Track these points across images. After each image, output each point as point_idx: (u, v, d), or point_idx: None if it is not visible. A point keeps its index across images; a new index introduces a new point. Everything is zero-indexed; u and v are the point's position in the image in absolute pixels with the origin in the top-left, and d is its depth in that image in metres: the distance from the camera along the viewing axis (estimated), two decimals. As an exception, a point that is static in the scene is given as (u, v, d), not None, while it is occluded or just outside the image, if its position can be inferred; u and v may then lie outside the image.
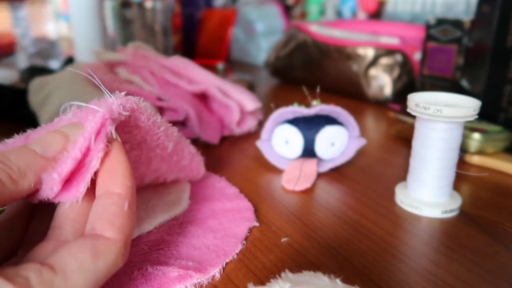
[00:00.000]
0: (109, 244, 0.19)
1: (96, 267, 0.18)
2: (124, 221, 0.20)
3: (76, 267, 0.18)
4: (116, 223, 0.20)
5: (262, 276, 0.25)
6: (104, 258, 0.18)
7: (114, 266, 0.19)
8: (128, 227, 0.20)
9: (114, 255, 0.19)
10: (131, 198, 0.21)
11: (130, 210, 0.20)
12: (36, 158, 0.20)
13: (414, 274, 0.25)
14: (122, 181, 0.21)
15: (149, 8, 0.99)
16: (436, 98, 0.33)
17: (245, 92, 0.51)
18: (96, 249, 0.18)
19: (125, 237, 0.20)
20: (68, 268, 0.17)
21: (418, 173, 0.33)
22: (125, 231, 0.20)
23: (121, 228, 0.20)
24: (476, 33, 0.53)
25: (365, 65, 0.67)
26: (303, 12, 1.16)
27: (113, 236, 0.19)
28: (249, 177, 0.39)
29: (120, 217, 0.20)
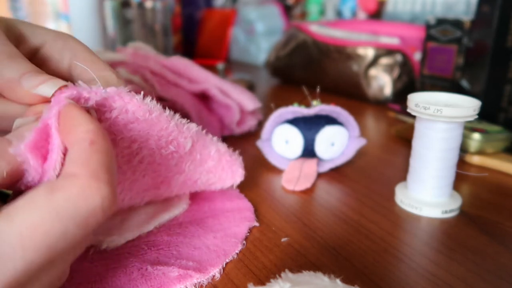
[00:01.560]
0: (69, 178, 0.17)
1: (51, 201, 0.16)
2: (88, 156, 0.18)
3: (25, 205, 0.16)
4: (77, 160, 0.18)
5: (262, 276, 0.25)
6: (63, 191, 0.16)
7: (82, 200, 0.16)
8: (96, 160, 0.18)
9: (78, 187, 0.17)
10: (93, 136, 0.19)
11: (95, 145, 0.18)
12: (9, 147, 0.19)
13: (414, 274, 0.25)
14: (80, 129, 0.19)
15: (149, 8, 0.99)
16: (436, 98, 0.33)
17: (245, 92, 0.51)
18: (54, 184, 0.17)
19: (92, 170, 0.17)
20: (14, 207, 0.16)
21: (418, 173, 0.33)
22: (92, 164, 0.18)
23: (84, 162, 0.18)
24: (476, 33, 0.53)
25: (365, 65, 0.67)
26: (303, 12, 1.16)
27: (75, 171, 0.17)
28: (249, 177, 0.39)
29: (82, 154, 0.18)
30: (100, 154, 0.18)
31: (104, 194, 0.17)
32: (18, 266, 0.15)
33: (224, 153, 0.31)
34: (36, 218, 0.15)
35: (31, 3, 1.01)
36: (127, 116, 0.24)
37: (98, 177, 0.17)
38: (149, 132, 0.26)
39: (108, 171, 0.18)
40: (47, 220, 0.16)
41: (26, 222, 0.15)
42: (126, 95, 0.23)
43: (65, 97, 0.21)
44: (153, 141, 0.27)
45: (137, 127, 0.25)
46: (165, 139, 0.27)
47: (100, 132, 0.19)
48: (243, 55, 1.12)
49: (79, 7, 0.72)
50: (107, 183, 0.17)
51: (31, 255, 0.15)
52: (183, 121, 0.28)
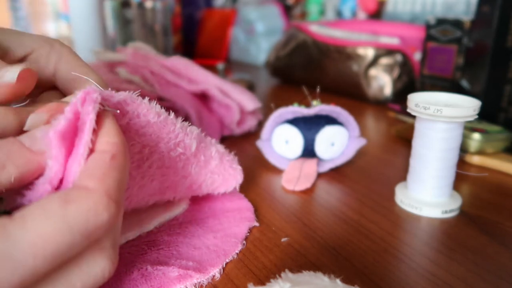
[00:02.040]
0: (85, 191, 0.17)
1: (65, 213, 0.16)
2: (106, 171, 0.18)
3: (39, 212, 0.16)
4: (95, 173, 0.18)
5: (262, 276, 0.25)
6: (77, 205, 0.16)
7: (93, 215, 0.17)
8: (112, 177, 0.18)
9: (91, 202, 0.17)
10: (116, 151, 0.19)
11: (115, 161, 0.19)
12: (21, 151, 0.18)
13: (414, 274, 0.25)
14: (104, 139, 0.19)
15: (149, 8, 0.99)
16: (436, 98, 0.33)
17: (245, 92, 0.51)
18: (68, 196, 0.17)
19: (107, 187, 0.18)
20: (29, 214, 0.16)
21: (418, 173, 0.33)
22: (108, 181, 0.18)
23: (101, 177, 0.18)
24: (476, 33, 0.53)
25: (365, 65, 0.67)
26: (303, 12, 1.16)
27: (91, 185, 0.17)
28: (249, 177, 0.39)
29: (100, 168, 0.18)
30: (117, 172, 0.19)
31: (112, 212, 0.18)
32: (26, 274, 0.15)
33: (223, 153, 0.32)
34: (49, 229, 0.16)
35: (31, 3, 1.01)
36: (139, 121, 0.24)
37: (111, 196, 0.18)
38: (159, 135, 0.26)
39: (120, 190, 0.19)
40: (60, 232, 0.16)
41: (39, 231, 0.15)
42: (135, 98, 0.23)
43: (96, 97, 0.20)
44: (163, 144, 0.27)
45: (148, 131, 0.25)
46: (173, 141, 0.27)
47: (123, 147, 0.20)
48: (243, 55, 1.12)
49: (79, 7, 0.72)
50: (116, 202, 0.18)
51: (39, 264, 0.15)
52: (185, 123, 0.28)
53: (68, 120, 0.19)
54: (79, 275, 0.17)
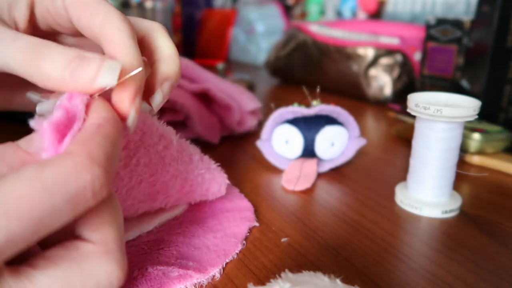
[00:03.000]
0: (64, 155, 0.16)
1: (40, 175, 0.15)
2: (88, 137, 0.17)
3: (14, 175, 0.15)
4: (77, 139, 0.17)
5: (262, 276, 0.25)
6: (54, 167, 0.16)
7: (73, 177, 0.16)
8: (95, 142, 0.17)
9: (70, 163, 0.16)
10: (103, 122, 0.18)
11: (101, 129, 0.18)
12: (16, 152, 0.18)
13: (414, 274, 0.25)
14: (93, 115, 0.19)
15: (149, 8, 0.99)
16: (436, 98, 0.33)
17: (245, 92, 0.51)
18: (45, 161, 0.16)
19: (89, 150, 0.17)
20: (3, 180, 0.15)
21: (418, 173, 0.33)
22: (90, 145, 0.17)
23: (82, 142, 0.17)
24: (476, 33, 0.53)
25: (365, 65, 0.67)
26: (303, 12, 1.16)
27: (71, 149, 0.16)
28: (249, 177, 0.39)
29: (83, 135, 0.17)
30: (103, 138, 0.18)
31: (96, 175, 0.16)
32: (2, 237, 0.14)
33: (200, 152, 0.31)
34: (23, 190, 0.15)
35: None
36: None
37: (93, 158, 0.16)
38: (142, 128, 0.26)
39: (106, 156, 0.17)
40: (35, 193, 0.15)
41: (12, 193, 0.15)
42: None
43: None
44: (147, 138, 0.26)
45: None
46: (156, 134, 0.27)
47: (112, 120, 0.19)
48: (243, 55, 1.12)
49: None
50: (100, 166, 0.17)
51: (15, 226, 0.15)
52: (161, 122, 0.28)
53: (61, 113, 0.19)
54: (80, 275, 0.17)
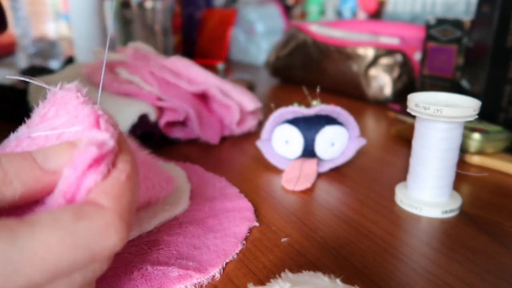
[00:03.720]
0: (99, 209, 0.16)
1: (75, 228, 0.15)
2: (121, 191, 0.17)
3: (49, 222, 0.15)
4: (110, 192, 0.17)
5: (262, 276, 0.25)
6: (88, 222, 0.16)
7: (102, 236, 0.16)
8: (126, 198, 0.18)
9: (103, 222, 0.16)
10: (130, 170, 0.19)
11: (130, 181, 0.18)
12: (32, 167, 0.17)
13: (414, 274, 0.25)
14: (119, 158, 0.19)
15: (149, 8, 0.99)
16: (436, 98, 0.33)
17: (245, 92, 0.51)
18: (81, 210, 0.16)
19: (121, 207, 0.17)
20: (39, 221, 0.15)
21: (418, 173, 0.33)
22: (122, 201, 0.17)
23: (116, 197, 0.17)
24: (476, 33, 0.53)
25: (365, 65, 0.67)
26: (303, 12, 1.16)
27: (105, 203, 0.17)
28: (249, 177, 0.39)
29: (115, 187, 0.17)
30: (131, 192, 0.18)
31: (122, 236, 0.17)
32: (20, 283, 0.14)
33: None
34: (55, 241, 0.15)
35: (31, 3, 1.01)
36: None
37: (123, 217, 0.17)
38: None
39: (131, 211, 0.18)
40: (64, 248, 0.15)
41: (45, 241, 0.15)
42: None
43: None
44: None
45: None
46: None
47: (136, 167, 0.19)
48: (243, 55, 1.12)
49: (79, 7, 0.72)
50: (127, 226, 0.17)
51: (37, 275, 0.15)
52: None
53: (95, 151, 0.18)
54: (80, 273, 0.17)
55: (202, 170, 0.39)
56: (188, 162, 0.41)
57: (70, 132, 0.19)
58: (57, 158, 0.18)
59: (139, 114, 0.43)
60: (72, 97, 0.20)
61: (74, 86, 0.20)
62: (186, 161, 0.42)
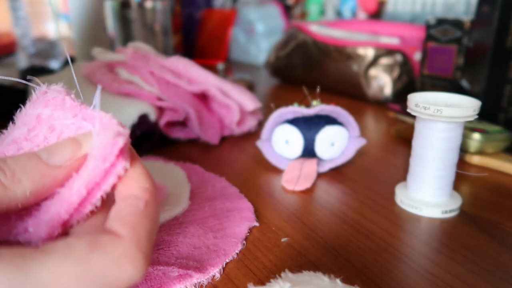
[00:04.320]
0: (115, 238, 0.16)
1: (89, 259, 0.15)
2: (138, 220, 0.17)
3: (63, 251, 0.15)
4: (127, 220, 0.17)
5: (262, 276, 0.25)
6: (103, 252, 0.15)
7: (117, 267, 0.16)
8: (144, 227, 0.17)
9: (119, 252, 0.16)
10: (149, 198, 0.18)
11: (148, 209, 0.18)
12: (38, 164, 0.18)
13: (414, 274, 0.25)
14: (137, 184, 0.18)
15: (149, 8, 0.99)
16: (436, 98, 0.33)
17: (245, 92, 0.51)
18: (97, 241, 0.16)
19: (138, 236, 0.17)
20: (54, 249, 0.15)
21: (418, 173, 0.33)
22: (139, 230, 0.17)
23: (133, 226, 0.17)
24: (476, 33, 0.53)
25: (365, 65, 0.67)
26: (303, 12, 1.16)
27: (122, 232, 0.16)
28: (249, 177, 0.39)
29: (133, 215, 0.17)
30: (150, 221, 0.18)
31: (139, 267, 0.16)
32: None
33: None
34: (67, 273, 0.15)
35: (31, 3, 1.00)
36: None
37: (140, 248, 0.16)
38: None
39: (150, 241, 0.17)
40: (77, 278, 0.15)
41: (57, 273, 0.14)
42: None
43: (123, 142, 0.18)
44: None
45: None
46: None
47: (155, 194, 0.19)
48: (243, 55, 1.12)
49: (79, 7, 0.72)
50: (145, 257, 0.17)
51: None
52: None
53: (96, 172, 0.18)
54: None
55: (202, 170, 0.39)
56: (188, 162, 0.41)
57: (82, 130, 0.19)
58: (61, 154, 0.18)
59: (139, 114, 0.43)
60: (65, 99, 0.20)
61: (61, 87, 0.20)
62: (186, 161, 0.42)
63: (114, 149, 0.18)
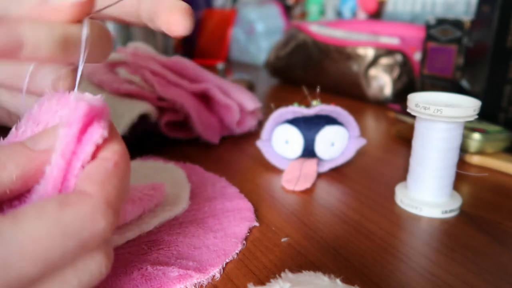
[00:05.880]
0: (84, 196, 0.16)
1: (60, 216, 0.15)
2: (106, 178, 0.18)
3: (33, 213, 0.15)
4: (95, 179, 0.17)
5: (262, 276, 0.25)
6: (74, 209, 0.16)
7: (90, 222, 0.16)
8: (113, 185, 0.18)
9: (89, 208, 0.16)
10: (119, 159, 0.19)
11: (117, 169, 0.18)
12: (23, 150, 0.18)
13: (414, 274, 0.25)
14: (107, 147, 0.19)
15: (149, 8, 0.99)
16: (436, 98, 0.33)
17: (245, 92, 0.51)
18: (66, 199, 0.16)
19: (108, 194, 0.17)
20: (22, 213, 0.15)
21: (418, 173, 0.33)
22: (108, 187, 0.17)
23: (101, 183, 0.17)
24: (476, 33, 0.53)
25: (365, 65, 0.67)
26: (303, 12, 1.16)
27: (91, 190, 0.17)
28: (249, 177, 0.39)
29: (101, 174, 0.18)
30: (118, 179, 0.18)
31: (110, 221, 0.17)
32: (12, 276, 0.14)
33: None
34: (41, 233, 0.15)
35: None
36: None
37: (110, 203, 0.17)
38: None
39: (119, 198, 0.18)
40: (52, 236, 0.15)
41: (31, 232, 0.15)
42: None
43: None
44: None
45: None
46: None
47: (125, 156, 0.19)
48: (243, 55, 1.12)
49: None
50: (114, 210, 0.17)
51: (27, 268, 0.15)
52: None
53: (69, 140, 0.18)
54: (75, 273, 0.17)
55: (202, 170, 0.39)
56: (188, 162, 0.41)
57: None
58: (45, 139, 0.19)
59: (139, 114, 0.43)
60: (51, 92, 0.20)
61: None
62: (186, 161, 0.42)
63: (77, 113, 0.18)
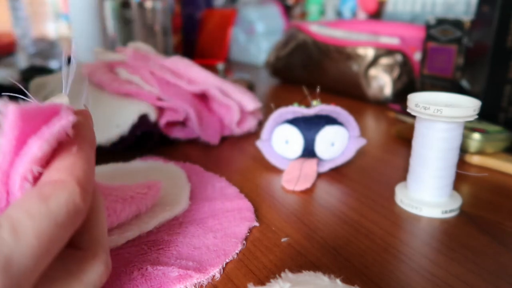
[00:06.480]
0: (56, 185, 0.17)
1: (48, 209, 0.16)
2: (72, 162, 0.18)
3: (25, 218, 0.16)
4: (61, 166, 0.18)
5: (262, 276, 0.25)
6: (55, 198, 0.17)
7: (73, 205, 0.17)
8: (80, 167, 0.18)
9: (67, 193, 0.17)
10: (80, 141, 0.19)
11: (81, 152, 0.19)
12: None
13: (414, 274, 0.25)
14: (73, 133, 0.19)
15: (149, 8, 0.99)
16: (436, 98, 0.33)
17: (245, 92, 0.51)
18: (43, 192, 0.17)
19: (76, 177, 0.18)
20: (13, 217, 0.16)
21: (418, 173, 0.33)
22: (76, 171, 0.18)
23: (68, 168, 0.18)
24: (476, 33, 0.53)
25: (365, 65, 0.67)
26: (303, 12, 1.16)
27: (61, 177, 0.17)
28: (249, 177, 0.39)
29: (66, 161, 0.18)
30: (84, 161, 0.19)
31: (87, 201, 0.18)
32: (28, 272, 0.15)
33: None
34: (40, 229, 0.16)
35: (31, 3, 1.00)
36: None
37: (82, 185, 0.18)
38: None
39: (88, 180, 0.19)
40: (49, 228, 0.16)
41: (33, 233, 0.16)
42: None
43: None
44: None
45: None
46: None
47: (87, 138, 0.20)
48: (243, 55, 1.12)
49: (79, 7, 0.72)
50: (87, 192, 0.18)
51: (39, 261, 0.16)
52: None
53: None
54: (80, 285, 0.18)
55: (202, 170, 0.39)
56: (188, 162, 0.41)
57: None
58: None
59: (139, 114, 0.43)
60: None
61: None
62: (186, 161, 0.42)
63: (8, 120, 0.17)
